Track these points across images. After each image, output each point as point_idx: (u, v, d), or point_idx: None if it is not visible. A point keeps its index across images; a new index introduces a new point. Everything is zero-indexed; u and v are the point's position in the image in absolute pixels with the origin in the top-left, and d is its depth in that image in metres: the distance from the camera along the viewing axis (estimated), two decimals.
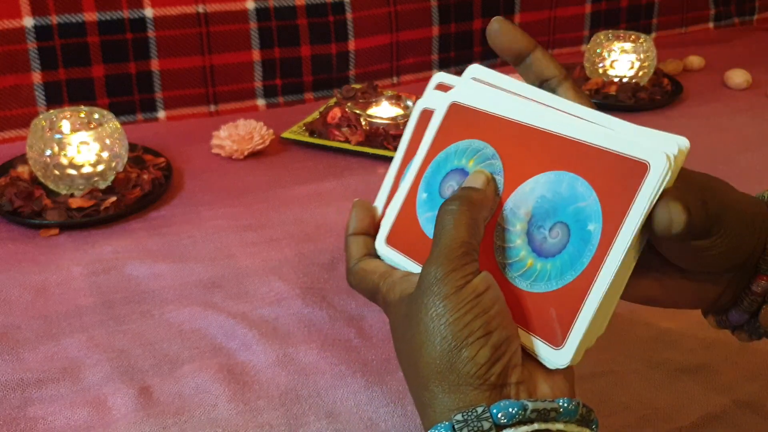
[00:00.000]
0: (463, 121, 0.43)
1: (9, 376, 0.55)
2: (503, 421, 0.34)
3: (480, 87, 0.44)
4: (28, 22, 0.90)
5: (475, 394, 0.35)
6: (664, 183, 0.36)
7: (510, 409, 0.34)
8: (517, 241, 0.39)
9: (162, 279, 0.66)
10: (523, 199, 0.39)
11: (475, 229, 0.38)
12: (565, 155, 0.39)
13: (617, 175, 0.37)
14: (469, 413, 0.34)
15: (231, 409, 0.52)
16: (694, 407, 0.52)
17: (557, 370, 0.37)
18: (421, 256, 0.42)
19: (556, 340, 0.37)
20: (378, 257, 0.45)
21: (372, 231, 0.46)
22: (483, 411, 0.34)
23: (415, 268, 0.43)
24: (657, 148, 0.36)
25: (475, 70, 0.45)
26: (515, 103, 0.42)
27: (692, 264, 0.40)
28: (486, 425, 0.34)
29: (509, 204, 0.40)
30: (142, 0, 0.95)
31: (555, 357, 0.37)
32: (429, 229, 0.43)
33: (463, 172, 0.42)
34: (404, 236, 0.44)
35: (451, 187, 0.43)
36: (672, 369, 0.56)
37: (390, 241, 0.45)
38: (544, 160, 0.39)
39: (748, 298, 0.41)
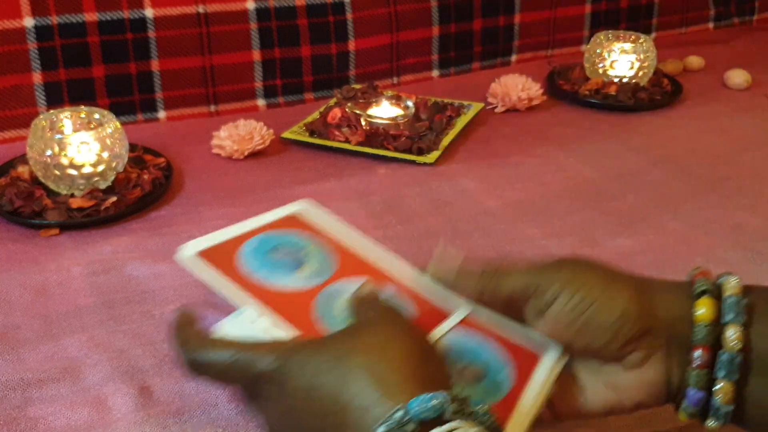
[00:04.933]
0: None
1: (9, 376, 0.55)
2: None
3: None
4: (29, 22, 0.90)
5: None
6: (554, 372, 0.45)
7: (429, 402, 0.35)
8: None
9: (162, 279, 0.66)
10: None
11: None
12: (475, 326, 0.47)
13: (519, 358, 0.45)
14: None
15: (231, 409, 0.52)
16: None
17: None
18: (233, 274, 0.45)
19: None
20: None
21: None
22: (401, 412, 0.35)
23: (227, 284, 0.46)
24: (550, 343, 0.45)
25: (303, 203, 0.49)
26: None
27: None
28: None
29: None
30: (143, 0, 0.95)
31: None
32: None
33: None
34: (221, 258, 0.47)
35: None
36: None
37: (204, 255, 0.47)
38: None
39: (692, 372, 0.42)
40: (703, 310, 0.43)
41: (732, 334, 0.41)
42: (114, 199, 0.75)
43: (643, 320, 0.43)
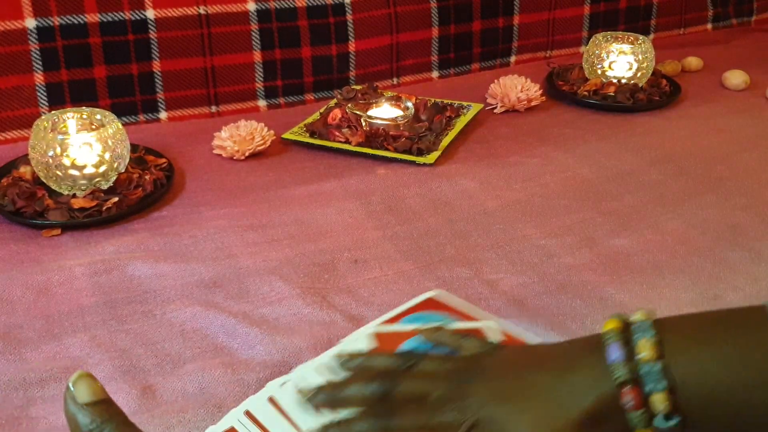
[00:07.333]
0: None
1: (11, 376, 0.55)
2: None
3: None
4: (30, 23, 0.90)
5: None
6: None
7: None
8: None
9: (164, 279, 0.66)
10: None
11: None
12: None
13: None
14: None
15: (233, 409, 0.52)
16: None
17: None
18: None
19: None
20: None
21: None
22: None
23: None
24: None
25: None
26: None
27: None
28: None
29: None
30: (144, 1, 0.95)
31: None
32: None
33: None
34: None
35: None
36: None
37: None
38: None
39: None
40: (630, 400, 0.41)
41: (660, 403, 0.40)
42: (115, 199, 0.75)
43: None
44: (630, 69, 1.08)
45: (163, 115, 1.00)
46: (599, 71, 1.09)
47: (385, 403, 0.45)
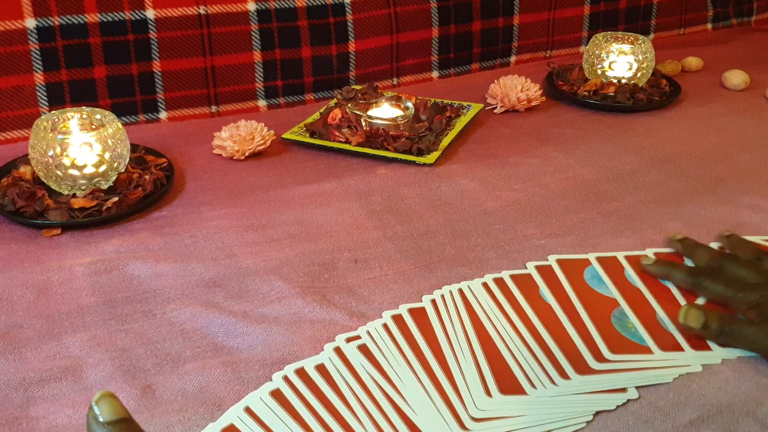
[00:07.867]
0: None
1: (11, 376, 0.55)
2: None
3: None
4: (30, 23, 0.90)
5: None
6: None
7: None
8: None
9: (164, 278, 0.66)
10: None
11: None
12: None
13: None
14: None
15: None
16: (693, 407, 0.53)
17: None
18: None
19: None
20: None
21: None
22: None
23: None
24: None
25: None
26: None
27: None
28: None
29: None
30: (144, 1, 0.95)
31: None
32: None
33: None
34: None
35: None
36: None
37: None
38: None
39: None
40: None
41: None
42: (115, 199, 0.75)
43: None
44: (630, 69, 1.08)
45: (163, 115, 1.00)
46: (599, 71, 1.09)
47: (712, 272, 0.59)
